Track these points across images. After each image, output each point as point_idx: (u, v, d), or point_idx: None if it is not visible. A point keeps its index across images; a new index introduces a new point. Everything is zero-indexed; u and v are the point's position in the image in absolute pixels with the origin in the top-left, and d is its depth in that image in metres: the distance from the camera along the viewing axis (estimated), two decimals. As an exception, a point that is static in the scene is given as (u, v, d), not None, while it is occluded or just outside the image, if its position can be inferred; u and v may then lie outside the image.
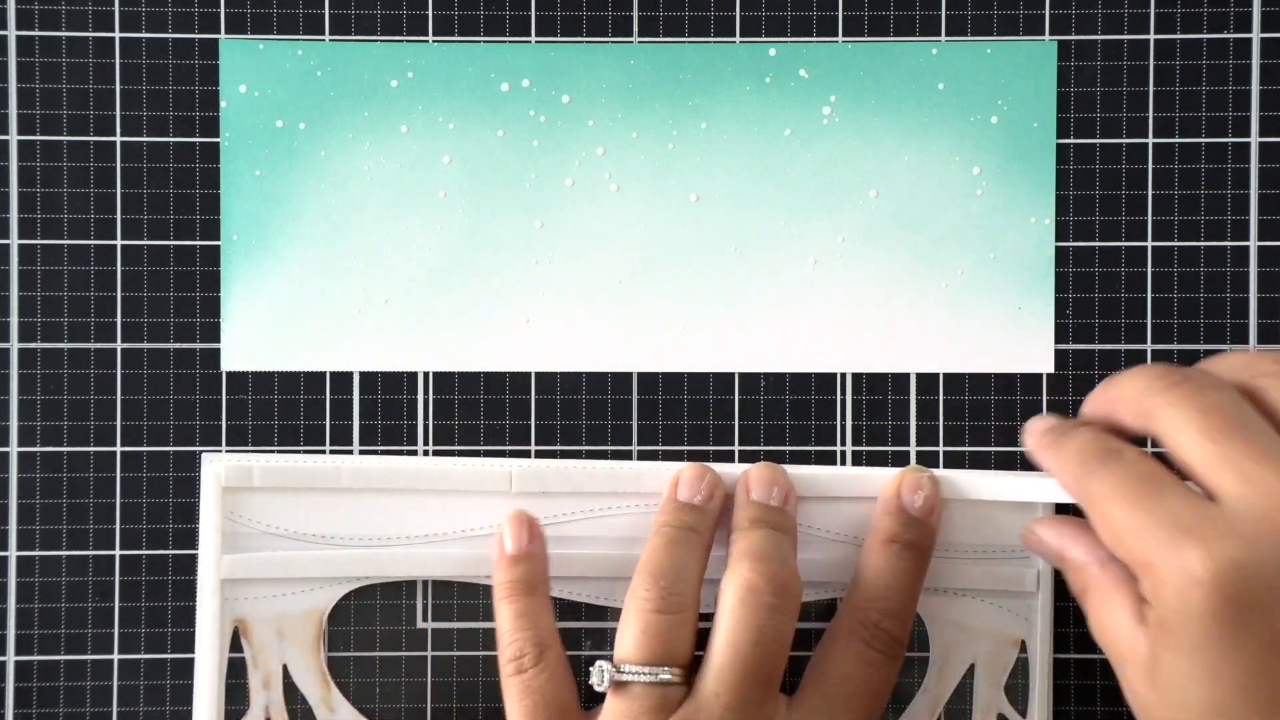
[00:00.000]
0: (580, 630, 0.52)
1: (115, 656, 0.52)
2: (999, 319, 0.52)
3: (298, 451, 0.52)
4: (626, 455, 0.52)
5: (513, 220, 0.52)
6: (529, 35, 0.52)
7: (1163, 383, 0.42)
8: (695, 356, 0.52)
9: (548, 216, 0.52)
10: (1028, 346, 0.52)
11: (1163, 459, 0.42)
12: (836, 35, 0.52)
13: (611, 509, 0.52)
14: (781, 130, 0.52)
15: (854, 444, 0.52)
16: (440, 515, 0.52)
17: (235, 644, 0.51)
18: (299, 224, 0.52)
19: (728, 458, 0.52)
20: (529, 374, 0.52)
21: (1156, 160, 0.52)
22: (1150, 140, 0.52)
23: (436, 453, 0.52)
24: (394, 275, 0.52)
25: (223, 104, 0.52)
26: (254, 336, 0.52)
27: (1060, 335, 0.52)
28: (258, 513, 0.51)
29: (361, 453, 0.52)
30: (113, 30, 0.52)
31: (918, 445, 0.52)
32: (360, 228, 0.52)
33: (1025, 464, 0.52)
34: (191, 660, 0.52)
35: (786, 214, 0.52)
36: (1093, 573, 0.44)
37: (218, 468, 0.51)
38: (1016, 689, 0.52)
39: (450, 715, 0.52)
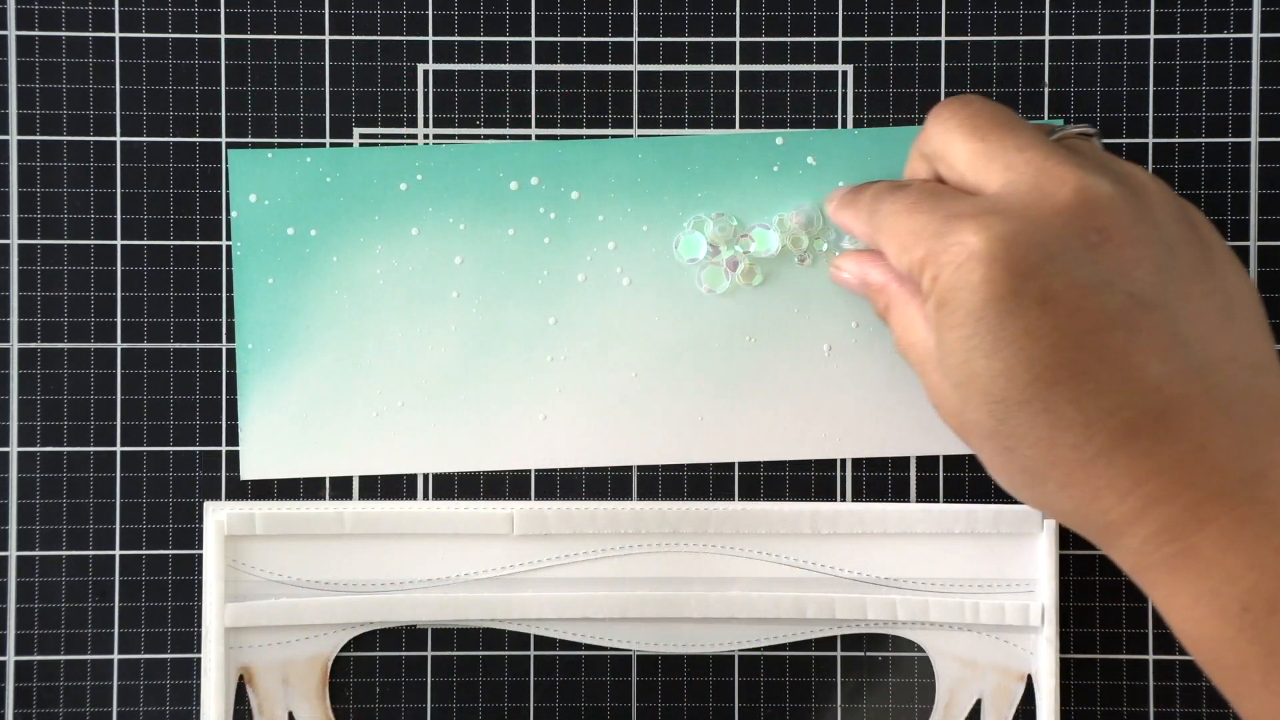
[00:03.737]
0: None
1: (115, 656, 0.52)
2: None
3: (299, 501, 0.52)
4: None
5: (526, 317, 0.52)
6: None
7: (934, 119, 0.45)
8: (712, 447, 0.52)
9: (560, 312, 0.52)
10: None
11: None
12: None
13: (613, 550, 0.52)
14: (793, 220, 0.52)
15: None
16: (442, 559, 0.51)
17: (240, 694, 0.51)
18: (313, 330, 0.51)
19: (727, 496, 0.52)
20: (551, 472, 0.52)
21: (1156, 160, 0.52)
22: (1150, 140, 0.52)
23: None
24: (410, 378, 0.51)
25: (233, 213, 0.51)
26: (272, 444, 0.52)
27: (1060, 335, 0.52)
28: (260, 560, 0.51)
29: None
30: (113, 30, 0.52)
31: (918, 451, 0.52)
32: (375, 331, 0.52)
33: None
34: (191, 660, 0.52)
35: (800, 301, 0.52)
36: (891, 290, 0.46)
37: (220, 516, 0.51)
38: None
39: (450, 715, 0.52)
